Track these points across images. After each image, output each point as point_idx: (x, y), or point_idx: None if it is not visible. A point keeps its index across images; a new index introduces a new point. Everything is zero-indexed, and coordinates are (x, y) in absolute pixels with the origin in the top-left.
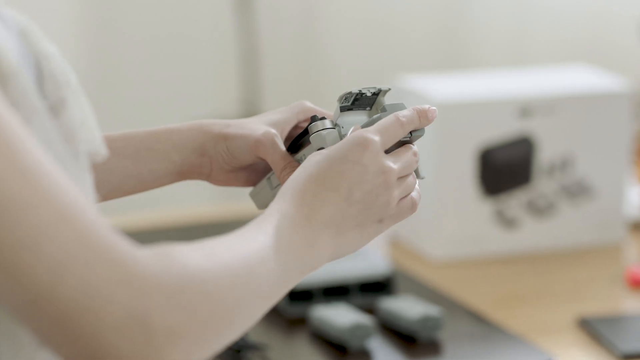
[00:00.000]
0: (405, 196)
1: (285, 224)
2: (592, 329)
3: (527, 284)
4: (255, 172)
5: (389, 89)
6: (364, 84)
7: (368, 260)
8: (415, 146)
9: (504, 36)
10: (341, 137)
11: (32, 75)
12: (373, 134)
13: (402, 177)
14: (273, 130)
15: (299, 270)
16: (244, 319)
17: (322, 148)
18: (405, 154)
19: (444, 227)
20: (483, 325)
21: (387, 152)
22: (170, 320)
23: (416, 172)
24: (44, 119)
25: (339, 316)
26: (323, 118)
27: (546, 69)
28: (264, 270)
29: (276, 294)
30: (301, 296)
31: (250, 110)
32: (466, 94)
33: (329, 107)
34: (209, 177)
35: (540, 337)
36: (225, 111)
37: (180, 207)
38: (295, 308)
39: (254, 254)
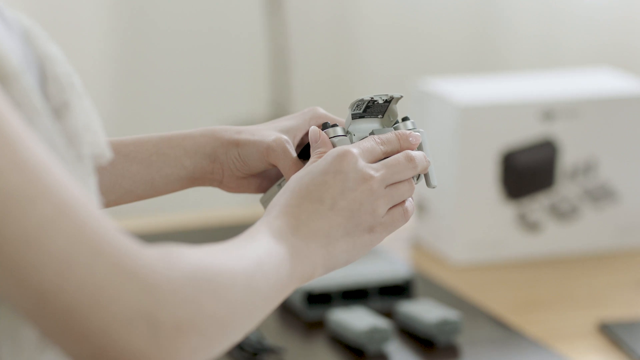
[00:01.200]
0: (397, 205)
1: (274, 235)
2: (612, 334)
3: (548, 289)
4: (267, 178)
5: (401, 97)
6: (394, 86)
7: (388, 263)
8: (418, 152)
9: (534, 40)
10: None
11: (35, 77)
12: (350, 147)
13: (392, 185)
14: (284, 137)
15: (295, 278)
16: (246, 318)
17: None
18: (393, 161)
19: (466, 230)
20: (502, 330)
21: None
22: (178, 316)
23: (427, 180)
24: (46, 121)
25: (357, 320)
26: (335, 125)
27: (569, 72)
28: (261, 272)
29: (273, 298)
30: (320, 299)
31: (280, 112)
32: (489, 97)
33: None
34: (221, 184)
35: (559, 342)
36: (255, 113)
37: (206, 210)
38: (313, 311)
39: (249, 257)
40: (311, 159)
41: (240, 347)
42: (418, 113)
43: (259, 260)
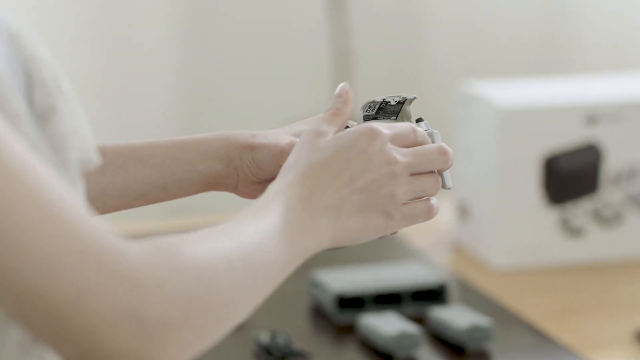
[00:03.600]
0: (423, 199)
1: (284, 209)
2: None
3: (588, 295)
4: None
5: (414, 98)
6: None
7: (422, 268)
8: (447, 147)
9: (603, 43)
10: None
11: (20, 81)
12: (383, 128)
13: (418, 174)
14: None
15: (297, 254)
16: (242, 307)
17: None
18: (425, 150)
19: (507, 235)
20: (536, 337)
21: None
22: (166, 313)
23: (442, 181)
24: (28, 125)
25: (386, 325)
26: (346, 127)
27: (613, 75)
28: (263, 255)
29: (275, 279)
30: (352, 303)
31: None
32: (532, 100)
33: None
34: (236, 189)
35: (595, 350)
36: (318, 113)
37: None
38: (345, 315)
39: (252, 240)
40: (325, 113)
41: (268, 352)
42: (461, 116)
43: (261, 241)
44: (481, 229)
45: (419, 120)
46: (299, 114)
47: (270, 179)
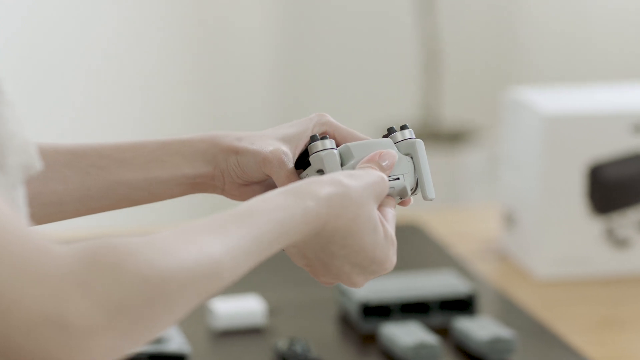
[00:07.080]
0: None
1: (274, 232)
2: None
3: (631, 307)
4: (272, 186)
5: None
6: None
7: (452, 277)
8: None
9: None
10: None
11: None
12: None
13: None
14: (283, 148)
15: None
16: (188, 311)
17: (321, 170)
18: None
19: (551, 245)
20: (562, 350)
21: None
22: (90, 319)
23: (422, 192)
24: None
25: (406, 335)
26: (324, 137)
27: None
28: (233, 267)
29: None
30: (377, 312)
31: (430, 114)
32: (578, 107)
33: None
34: (223, 191)
35: None
36: (405, 115)
37: None
38: (369, 324)
39: (230, 252)
40: (359, 168)
41: (284, 359)
42: (509, 122)
43: (237, 255)
44: (526, 238)
45: (403, 127)
46: (387, 116)
47: (257, 181)
